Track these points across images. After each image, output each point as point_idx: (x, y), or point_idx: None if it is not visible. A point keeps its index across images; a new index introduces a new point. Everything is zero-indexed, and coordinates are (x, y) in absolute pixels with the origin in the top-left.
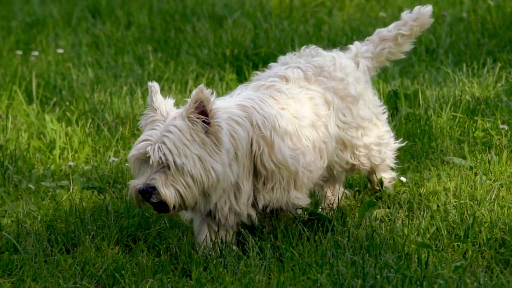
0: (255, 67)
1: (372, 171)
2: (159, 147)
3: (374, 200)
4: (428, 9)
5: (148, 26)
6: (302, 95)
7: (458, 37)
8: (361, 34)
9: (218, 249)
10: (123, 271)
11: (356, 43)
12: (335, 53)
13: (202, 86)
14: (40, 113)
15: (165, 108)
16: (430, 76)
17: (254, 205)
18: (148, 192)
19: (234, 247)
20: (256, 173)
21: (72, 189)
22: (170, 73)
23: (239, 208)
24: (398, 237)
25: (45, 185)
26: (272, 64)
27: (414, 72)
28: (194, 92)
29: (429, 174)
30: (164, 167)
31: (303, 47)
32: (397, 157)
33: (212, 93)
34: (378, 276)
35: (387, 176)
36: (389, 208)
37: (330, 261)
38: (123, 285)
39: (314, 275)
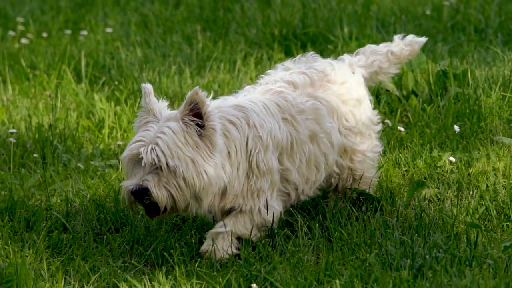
0: (304, 47)
1: (357, 179)
2: (152, 148)
3: (423, 180)
4: (421, 40)
5: (196, 5)
6: (308, 105)
7: (507, 17)
8: (409, 14)
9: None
10: (171, 251)
11: (346, 55)
12: (332, 60)
13: (197, 88)
14: (89, 92)
15: (158, 110)
16: (479, 56)
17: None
18: (140, 193)
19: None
20: (248, 173)
21: (121, 168)
22: (218, 52)
23: (218, 206)
24: (447, 217)
25: (94, 164)
26: (269, 71)
27: (463, 52)
28: (189, 94)
29: (478, 154)
30: (157, 168)
31: (298, 56)
32: (446, 137)
33: (207, 95)
34: (427, 256)
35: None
36: (438, 188)
37: (379, 241)
38: (171, 264)
39: (362, 255)
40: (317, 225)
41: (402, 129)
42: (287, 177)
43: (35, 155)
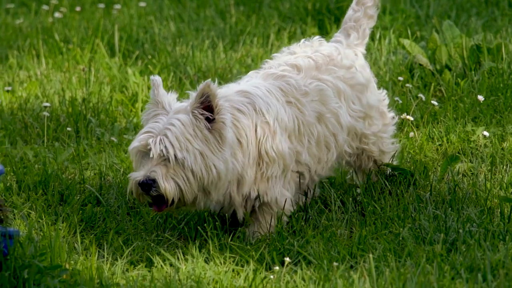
0: (337, 21)
1: (379, 159)
2: (160, 140)
3: (457, 154)
4: None
5: None
6: (312, 87)
7: None
8: None
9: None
10: (205, 224)
11: (337, 34)
12: (336, 44)
13: (209, 81)
14: (123, 66)
15: (168, 102)
16: None
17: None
18: (147, 184)
19: None
20: (258, 160)
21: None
22: (251, 27)
23: (237, 198)
24: (481, 192)
25: (127, 138)
26: (275, 54)
27: (497, 26)
28: (200, 86)
29: None
30: (165, 160)
31: (303, 40)
32: (480, 111)
33: (218, 87)
34: (461, 230)
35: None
36: (471, 162)
37: (412, 215)
38: (205, 238)
39: (396, 229)
40: (350, 199)
41: (435, 103)
42: (298, 158)
43: (68, 128)
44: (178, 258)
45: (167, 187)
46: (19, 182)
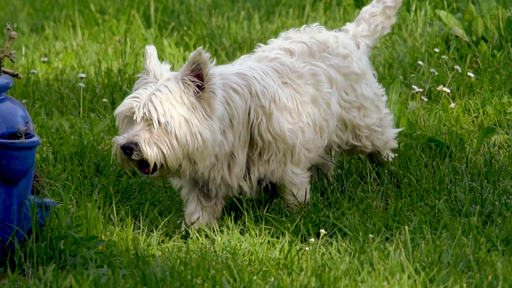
0: None
1: (374, 152)
2: (145, 104)
3: (493, 126)
4: None
5: None
6: (306, 70)
7: None
8: None
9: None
10: (240, 196)
11: (349, 24)
12: (336, 33)
13: (200, 48)
14: (158, 38)
15: (159, 72)
16: None
17: (246, 178)
18: (129, 148)
19: (215, 223)
20: (252, 144)
21: None
22: None
23: (230, 179)
24: None
25: None
26: (272, 39)
27: None
28: (191, 54)
29: None
30: (149, 125)
31: (303, 26)
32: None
33: (211, 57)
34: (497, 203)
35: (390, 155)
36: (507, 134)
37: (448, 187)
38: (240, 209)
39: (431, 201)
40: (385, 171)
41: (471, 75)
42: (303, 133)
43: (104, 100)
44: (213, 229)
45: (149, 151)
46: (55, 153)
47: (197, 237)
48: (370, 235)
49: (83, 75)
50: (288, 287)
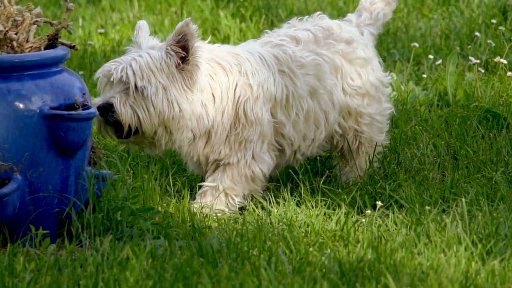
0: None
1: (360, 144)
2: (123, 68)
3: None
4: None
5: None
6: (308, 60)
7: None
8: None
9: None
10: (296, 167)
11: (350, 14)
12: (339, 21)
13: (188, 19)
14: (215, 9)
15: (147, 44)
16: None
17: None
18: (105, 108)
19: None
20: (234, 121)
21: None
22: None
23: (202, 156)
24: None
25: None
26: (275, 29)
27: None
28: (179, 25)
29: None
30: (127, 89)
31: (306, 17)
32: None
33: (197, 30)
34: None
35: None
36: None
37: (505, 158)
38: (296, 181)
39: (488, 173)
40: (442, 142)
41: None
42: (281, 130)
43: None
44: (269, 201)
45: (123, 112)
46: None
47: (253, 208)
48: (427, 207)
49: None
50: (344, 258)
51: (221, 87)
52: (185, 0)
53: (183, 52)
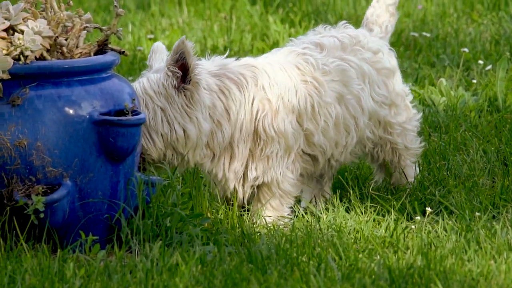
0: None
1: (400, 155)
2: None
3: None
4: None
5: None
6: (333, 66)
7: None
8: None
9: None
10: (345, 173)
11: (360, 29)
12: (364, 31)
13: (183, 37)
14: (264, 14)
15: (156, 67)
16: None
17: (242, 178)
18: None
19: None
20: (255, 137)
21: None
22: None
23: (228, 174)
24: None
25: None
26: (300, 37)
27: None
28: (175, 44)
29: None
30: None
31: (329, 26)
32: None
33: (194, 47)
34: None
35: (411, 174)
36: None
37: None
38: (345, 188)
39: None
40: (492, 148)
41: None
42: (311, 139)
43: None
44: (319, 207)
45: None
46: None
47: (302, 215)
48: (477, 213)
49: None
50: (394, 265)
51: (235, 102)
52: (234, 6)
53: (179, 72)
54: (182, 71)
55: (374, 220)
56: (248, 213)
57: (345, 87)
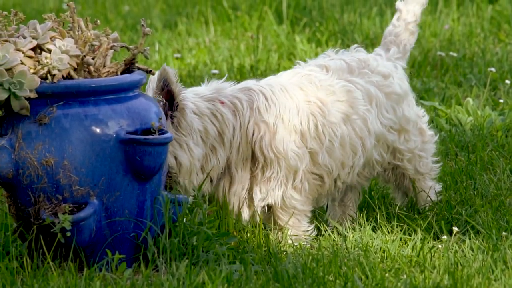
0: None
1: (415, 179)
2: None
3: None
4: None
5: None
6: (338, 87)
7: None
8: None
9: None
10: (372, 193)
11: (378, 49)
12: (375, 55)
13: (164, 65)
14: (290, 34)
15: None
16: None
17: (248, 203)
18: None
19: None
20: (254, 159)
21: None
22: None
23: (229, 198)
24: None
25: None
26: (310, 61)
27: None
28: (158, 72)
29: None
30: None
31: (342, 50)
32: None
33: (176, 73)
34: None
35: (436, 187)
36: None
37: None
38: (372, 207)
39: None
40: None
41: None
42: (315, 158)
43: None
44: (345, 226)
45: None
46: None
47: (329, 234)
48: (504, 233)
49: (216, 71)
50: (421, 284)
51: (228, 127)
52: (261, 25)
53: (163, 100)
54: (169, 98)
55: (400, 239)
56: (272, 232)
57: (351, 108)
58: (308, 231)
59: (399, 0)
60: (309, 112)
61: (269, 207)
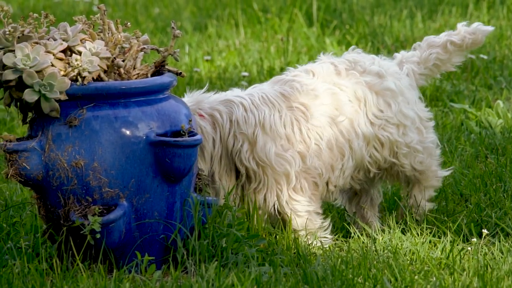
0: None
1: (410, 179)
2: None
3: None
4: (487, 29)
5: None
6: (322, 90)
7: None
8: None
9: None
10: (401, 194)
11: (402, 51)
12: (376, 56)
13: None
14: (320, 36)
15: None
16: None
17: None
18: None
19: None
20: (238, 171)
21: None
22: None
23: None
24: None
25: None
26: (300, 66)
27: None
28: None
29: None
30: None
31: (345, 52)
32: None
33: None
34: None
35: (427, 194)
36: None
37: None
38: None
39: None
40: None
41: None
42: (304, 160)
43: None
44: (374, 228)
45: None
46: None
47: (358, 236)
48: None
49: (246, 74)
50: (450, 287)
51: (208, 139)
52: (291, 27)
53: None
54: None
55: (430, 242)
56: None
57: (337, 110)
58: (323, 227)
59: (461, 24)
60: (293, 117)
61: (279, 211)
